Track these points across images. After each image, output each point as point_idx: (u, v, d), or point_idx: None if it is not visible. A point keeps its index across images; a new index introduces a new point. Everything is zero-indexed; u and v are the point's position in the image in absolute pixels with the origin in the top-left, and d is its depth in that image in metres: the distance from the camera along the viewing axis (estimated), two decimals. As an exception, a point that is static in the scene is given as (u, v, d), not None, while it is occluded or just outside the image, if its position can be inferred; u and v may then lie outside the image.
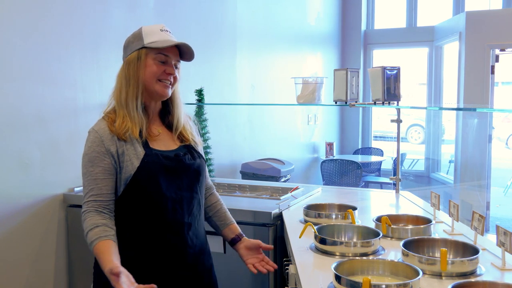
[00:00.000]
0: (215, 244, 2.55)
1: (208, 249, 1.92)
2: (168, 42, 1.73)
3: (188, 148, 1.85)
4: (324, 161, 6.33)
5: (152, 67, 1.73)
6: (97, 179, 1.67)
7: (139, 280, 1.68)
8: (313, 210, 2.40)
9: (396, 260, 1.64)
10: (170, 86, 1.77)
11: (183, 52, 1.79)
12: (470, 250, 1.73)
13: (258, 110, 5.10)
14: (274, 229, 2.52)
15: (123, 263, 1.59)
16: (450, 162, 7.11)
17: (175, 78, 1.78)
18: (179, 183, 1.76)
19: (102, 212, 1.67)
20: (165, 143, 1.80)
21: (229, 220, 1.99)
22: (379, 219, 2.12)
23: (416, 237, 1.89)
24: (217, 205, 2.00)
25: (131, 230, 1.71)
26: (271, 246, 1.91)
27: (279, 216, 2.57)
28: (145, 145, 1.72)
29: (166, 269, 1.74)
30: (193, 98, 3.59)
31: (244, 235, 1.96)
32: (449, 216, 2.19)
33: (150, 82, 1.73)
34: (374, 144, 8.03)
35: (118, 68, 1.80)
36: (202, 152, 1.93)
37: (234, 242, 1.94)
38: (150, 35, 1.73)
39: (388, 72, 2.71)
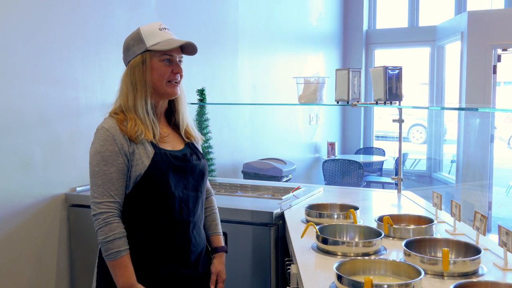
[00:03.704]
0: (216, 244, 2.56)
1: (208, 248, 1.93)
2: (173, 43, 1.72)
3: (192, 148, 1.86)
4: (325, 161, 6.33)
5: (159, 69, 1.73)
6: (112, 179, 1.66)
7: (143, 278, 1.70)
8: (315, 210, 2.40)
9: (398, 260, 1.64)
10: (178, 84, 1.79)
11: (184, 46, 1.78)
12: (472, 250, 1.73)
13: (260, 110, 5.10)
14: (276, 229, 2.52)
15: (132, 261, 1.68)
16: (452, 162, 7.10)
17: (181, 75, 1.79)
18: (186, 182, 1.77)
19: (120, 216, 1.68)
20: (172, 143, 1.81)
21: (216, 230, 1.98)
22: (381, 219, 2.11)
23: (418, 237, 1.89)
24: (211, 210, 2.00)
25: (138, 228, 1.72)
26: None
27: (281, 216, 2.57)
28: (154, 144, 1.73)
29: (170, 267, 1.74)
30: (195, 98, 3.59)
31: (225, 249, 1.97)
32: (451, 216, 2.19)
33: (159, 84, 1.74)
34: (376, 144, 8.03)
35: (120, 68, 1.80)
36: (201, 150, 1.94)
37: (213, 251, 1.95)
38: (151, 36, 1.72)
39: (390, 72, 2.70)
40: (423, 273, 1.48)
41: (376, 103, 2.78)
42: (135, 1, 3.37)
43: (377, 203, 2.98)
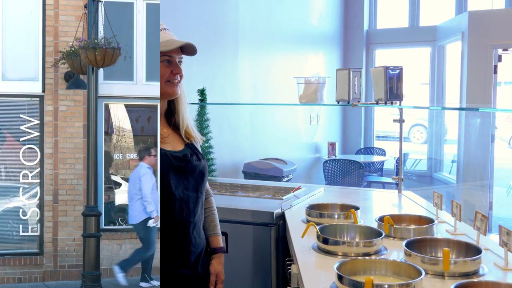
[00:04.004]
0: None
1: (207, 249, 1.93)
2: (172, 44, 1.72)
3: (192, 149, 1.86)
4: (326, 161, 6.32)
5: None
6: None
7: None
8: (316, 210, 2.40)
9: (398, 260, 1.65)
10: (178, 84, 1.78)
11: (184, 47, 1.77)
12: (472, 250, 1.73)
13: (260, 110, 5.10)
14: (276, 229, 2.52)
15: None
16: (452, 162, 7.10)
17: (181, 76, 1.79)
18: (186, 183, 1.77)
19: None
20: (172, 144, 1.81)
21: (215, 231, 1.97)
22: (381, 219, 2.11)
23: (418, 237, 1.89)
24: (210, 210, 1.99)
25: None
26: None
27: (281, 216, 2.56)
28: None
29: (170, 267, 1.75)
30: (196, 98, 3.59)
31: (224, 249, 1.96)
32: (452, 216, 2.19)
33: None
34: (377, 144, 8.02)
35: (120, 68, 1.80)
36: (200, 150, 1.94)
37: (212, 252, 1.93)
38: None
39: (391, 72, 2.70)
40: (423, 273, 1.48)
41: (377, 103, 2.78)
42: (135, 1, 3.37)
43: (377, 203, 2.98)
